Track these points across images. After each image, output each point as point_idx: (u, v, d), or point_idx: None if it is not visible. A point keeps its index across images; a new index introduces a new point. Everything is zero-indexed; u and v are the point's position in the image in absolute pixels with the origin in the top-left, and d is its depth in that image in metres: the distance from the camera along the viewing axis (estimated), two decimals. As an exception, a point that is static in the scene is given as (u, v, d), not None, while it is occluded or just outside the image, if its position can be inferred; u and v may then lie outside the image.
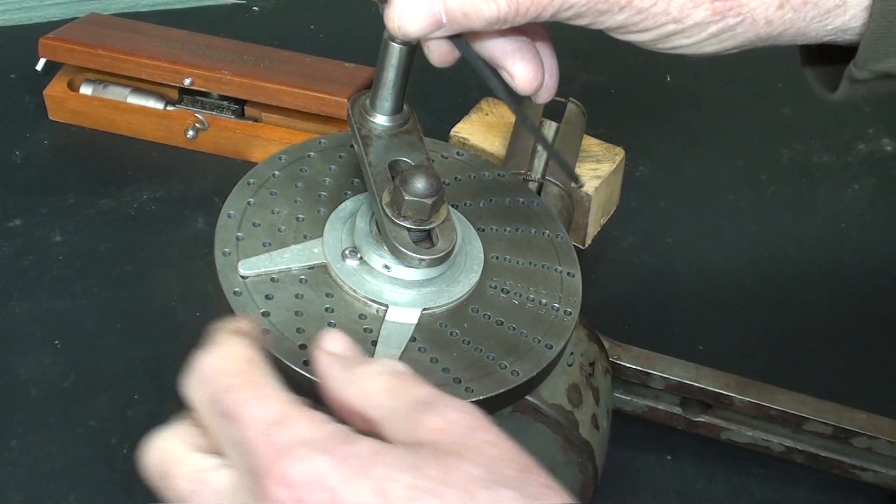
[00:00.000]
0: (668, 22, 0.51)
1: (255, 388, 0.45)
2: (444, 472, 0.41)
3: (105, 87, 1.04)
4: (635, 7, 0.50)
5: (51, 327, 0.87)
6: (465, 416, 0.44)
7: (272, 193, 0.63)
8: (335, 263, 0.59)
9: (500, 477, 0.42)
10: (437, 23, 0.51)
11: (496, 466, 0.42)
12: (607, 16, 0.50)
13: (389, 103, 0.61)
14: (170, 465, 0.47)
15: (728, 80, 1.17)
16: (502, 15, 0.50)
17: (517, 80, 0.55)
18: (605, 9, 0.50)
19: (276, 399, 0.44)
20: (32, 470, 0.78)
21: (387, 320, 0.58)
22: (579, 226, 0.93)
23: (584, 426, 0.68)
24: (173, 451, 0.48)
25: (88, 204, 0.97)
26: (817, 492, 0.81)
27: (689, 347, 0.88)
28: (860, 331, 0.92)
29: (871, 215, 1.03)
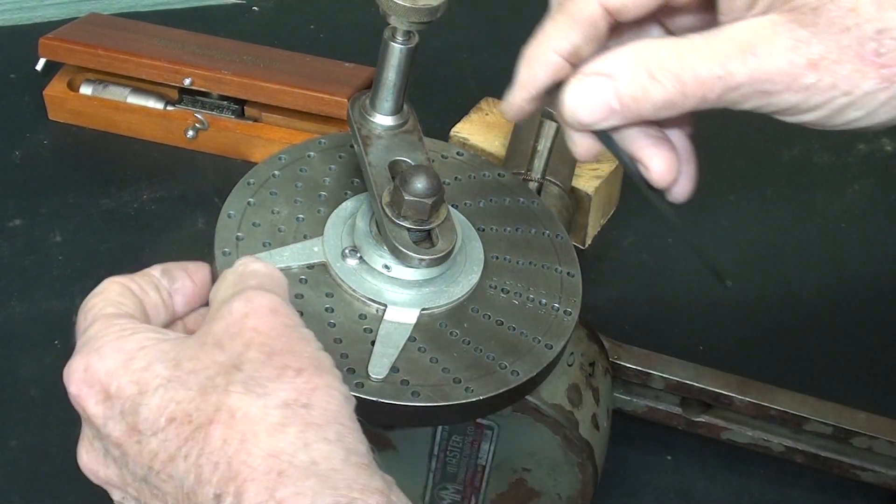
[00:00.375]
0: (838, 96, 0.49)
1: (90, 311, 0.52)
2: (195, 361, 0.46)
3: (105, 87, 1.04)
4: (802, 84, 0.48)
5: (51, 327, 0.87)
6: (248, 304, 0.48)
7: (272, 193, 0.63)
8: (335, 262, 0.59)
9: (240, 361, 0.46)
10: (611, 111, 0.51)
11: (245, 350, 0.46)
12: (775, 97, 0.49)
13: (389, 103, 0.61)
14: None
15: (728, 80, 1.17)
16: (669, 98, 0.50)
17: (653, 172, 0.56)
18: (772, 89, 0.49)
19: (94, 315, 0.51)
20: (32, 470, 0.78)
21: (385, 320, 0.58)
22: (579, 226, 0.93)
23: (584, 426, 0.68)
24: None
25: (88, 204, 0.97)
26: (817, 492, 0.82)
27: (689, 347, 0.88)
28: (860, 331, 0.92)
29: (871, 215, 1.03)
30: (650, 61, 0.50)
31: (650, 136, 0.54)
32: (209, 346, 0.47)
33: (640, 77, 0.50)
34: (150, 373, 0.47)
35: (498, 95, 0.99)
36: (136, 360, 0.47)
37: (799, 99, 0.49)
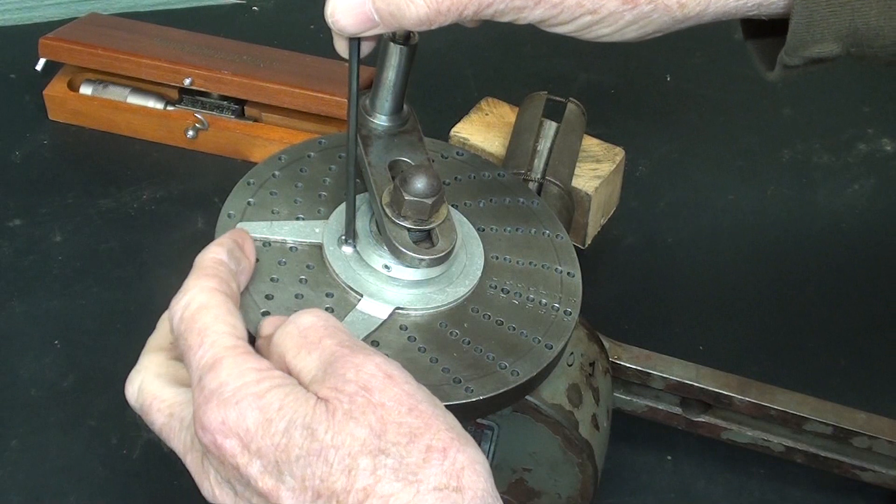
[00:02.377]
0: (584, 13, 0.53)
1: (200, 335, 0.50)
2: (331, 434, 0.46)
3: (105, 87, 1.04)
4: (550, 2, 0.52)
5: (51, 327, 0.87)
6: (361, 374, 0.48)
7: (272, 193, 0.63)
8: (330, 246, 0.59)
9: (383, 443, 0.46)
10: (370, 20, 0.53)
11: (383, 430, 0.46)
12: (526, 11, 0.53)
13: (389, 103, 0.61)
14: (147, 399, 0.53)
15: (728, 80, 1.17)
16: (423, 15, 0.52)
17: None
18: (521, 5, 0.52)
19: (214, 344, 0.49)
20: (32, 470, 0.78)
21: (357, 308, 0.58)
22: (579, 226, 0.92)
23: (584, 426, 0.68)
24: (151, 386, 0.53)
25: (88, 204, 0.97)
26: (817, 492, 0.81)
27: (689, 347, 0.88)
28: (860, 331, 0.92)
29: (871, 215, 1.03)
30: None
31: None
32: (340, 416, 0.47)
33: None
34: (291, 440, 0.47)
35: (498, 95, 0.99)
36: (275, 422, 0.47)
37: (550, 14, 0.52)
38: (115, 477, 0.78)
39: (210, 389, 0.48)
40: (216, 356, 0.49)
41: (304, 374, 0.49)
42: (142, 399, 0.53)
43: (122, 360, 0.84)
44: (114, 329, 0.87)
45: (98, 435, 0.80)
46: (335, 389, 0.47)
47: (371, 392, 0.47)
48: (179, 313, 0.51)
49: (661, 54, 1.18)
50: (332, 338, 0.50)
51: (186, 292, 0.52)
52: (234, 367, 0.48)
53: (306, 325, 0.51)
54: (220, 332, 0.50)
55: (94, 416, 0.81)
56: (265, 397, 0.47)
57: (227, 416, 0.47)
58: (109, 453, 0.79)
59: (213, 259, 0.54)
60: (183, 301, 0.52)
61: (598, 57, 1.16)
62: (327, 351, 0.49)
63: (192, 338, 0.50)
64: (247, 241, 0.57)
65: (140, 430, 0.80)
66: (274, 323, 0.54)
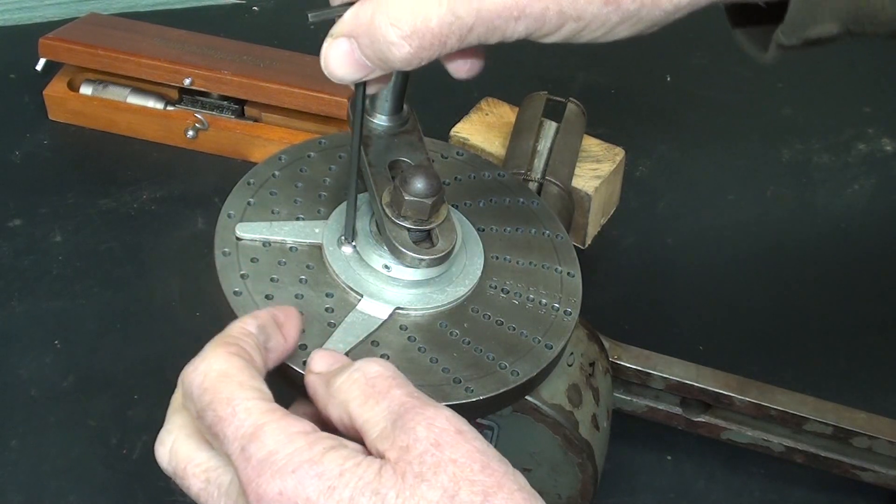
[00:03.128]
0: (567, 21, 0.51)
1: (229, 404, 0.47)
2: (404, 498, 0.44)
3: (105, 87, 1.04)
4: (531, 16, 0.51)
5: (51, 327, 0.87)
6: (432, 430, 0.46)
7: (272, 193, 0.63)
8: (329, 246, 0.59)
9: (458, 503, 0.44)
10: (365, 66, 0.53)
11: (456, 490, 0.45)
12: (509, 30, 0.51)
13: (389, 103, 0.61)
14: (181, 462, 0.50)
15: (728, 80, 1.17)
16: (407, 55, 0.51)
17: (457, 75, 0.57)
18: (502, 25, 0.51)
19: (249, 411, 0.47)
20: (32, 470, 0.78)
21: (357, 309, 0.58)
22: (579, 226, 0.92)
23: (584, 426, 0.68)
24: (184, 448, 0.50)
25: (88, 204, 0.97)
26: (817, 492, 0.82)
27: (689, 347, 0.88)
28: (860, 331, 0.92)
29: (871, 215, 1.03)
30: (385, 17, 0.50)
31: None
32: (411, 479, 0.45)
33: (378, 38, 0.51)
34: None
35: (498, 95, 0.99)
36: (338, 489, 0.45)
37: (534, 27, 0.51)
38: (115, 477, 0.78)
39: (259, 459, 0.45)
40: (256, 423, 0.46)
41: (369, 426, 0.47)
42: (175, 462, 0.50)
43: (122, 360, 0.85)
44: (114, 329, 0.87)
45: (98, 435, 0.80)
46: (405, 449, 0.45)
47: (443, 448, 0.45)
48: (198, 382, 0.48)
49: (661, 54, 1.18)
50: (401, 388, 0.48)
51: (203, 360, 0.49)
52: (279, 432, 0.46)
53: (374, 374, 0.49)
54: (250, 398, 0.47)
55: (94, 416, 0.81)
56: (322, 463, 0.45)
57: (285, 487, 0.45)
58: (109, 453, 0.79)
59: (240, 329, 0.51)
60: (200, 369, 0.49)
61: (598, 57, 1.16)
62: (396, 401, 0.47)
63: (221, 408, 0.47)
64: (290, 320, 0.54)
65: (140, 430, 0.81)
66: (325, 360, 0.52)
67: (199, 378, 0.48)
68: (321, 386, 0.51)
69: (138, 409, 0.82)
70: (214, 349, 0.49)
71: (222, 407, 0.47)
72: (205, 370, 0.48)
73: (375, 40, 0.51)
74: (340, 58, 0.53)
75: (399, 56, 0.51)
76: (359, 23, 0.51)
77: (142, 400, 0.82)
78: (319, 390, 0.51)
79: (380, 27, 0.50)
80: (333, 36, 0.52)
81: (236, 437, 0.46)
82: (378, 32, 0.51)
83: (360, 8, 0.51)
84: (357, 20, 0.51)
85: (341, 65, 0.53)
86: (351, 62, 0.52)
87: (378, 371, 0.49)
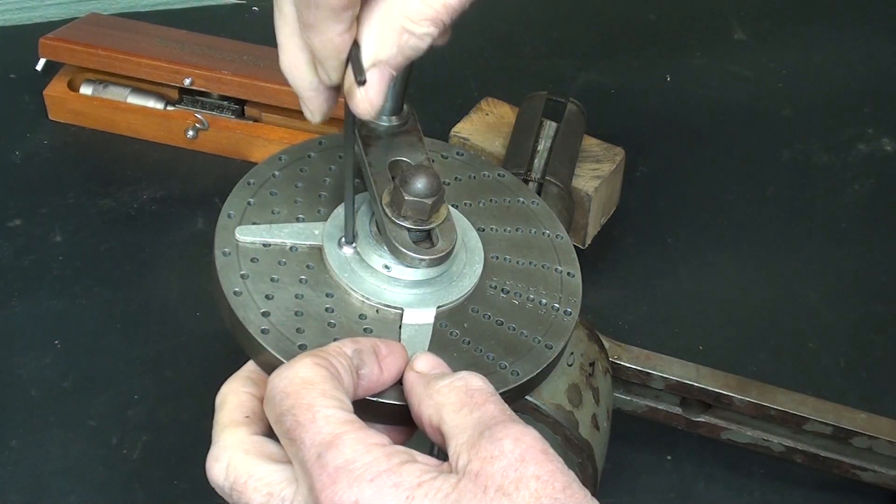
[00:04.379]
0: None
1: (310, 410, 0.47)
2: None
3: (105, 87, 1.04)
4: None
5: (51, 327, 0.87)
6: (519, 445, 0.46)
7: (272, 193, 0.63)
8: (330, 247, 0.59)
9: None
10: (392, 79, 0.54)
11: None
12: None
13: (389, 103, 0.61)
14: (241, 477, 0.49)
15: (728, 80, 1.17)
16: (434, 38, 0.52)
17: None
18: None
19: (328, 420, 0.47)
20: (32, 470, 0.78)
21: (405, 324, 0.58)
22: (579, 226, 0.93)
23: (584, 426, 0.68)
24: (243, 464, 0.50)
25: (88, 204, 0.97)
26: (817, 492, 0.82)
27: (689, 347, 0.88)
28: (860, 331, 0.92)
29: (871, 215, 1.03)
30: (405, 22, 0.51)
31: None
32: (492, 492, 0.44)
33: (405, 42, 0.52)
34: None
35: (498, 95, 0.99)
36: (416, 499, 0.44)
37: None
38: (115, 477, 0.78)
39: (335, 466, 0.45)
40: (334, 432, 0.46)
41: (457, 431, 0.47)
42: (233, 477, 0.49)
43: (122, 360, 0.85)
44: (114, 329, 0.87)
45: (98, 435, 0.80)
46: (488, 460, 0.45)
47: (527, 464, 0.45)
48: (282, 386, 0.48)
49: (661, 54, 1.18)
50: (496, 405, 0.48)
51: (290, 367, 0.49)
52: (357, 442, 0.46)
53: (475, 387, 0.49)
54: (332, 407, 0.47)
55: (94, 416, 0.81)
56: (400, 473, 0.45)
57: (362, 494, 0.44)
58: (109, 453, 0.79)
59: (335, 348, 0.51)
60: (285, 374, 0.49)
61: (598, 57, 1.17)
62: (489, 414, 0.48)
63: (301, 413, 0.47)
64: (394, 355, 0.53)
65: (140, 430, 0.81)
66: (428, 361, 0.53)
67: (283, 383, 0.48)
68: (420, 384, 0.51)
69: (138, 409, 0.82)
70: (302, 358, 0.49)
71: (302, 412, 0.47)
72: (290, 376, 0.48)
73: (402, 45, 0.51)
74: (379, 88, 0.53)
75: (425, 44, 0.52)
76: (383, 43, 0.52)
77: (142, 400, 0.82)
78: (417, 388, 0.51)
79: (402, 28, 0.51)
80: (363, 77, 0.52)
81: (314, 443, 0.46)
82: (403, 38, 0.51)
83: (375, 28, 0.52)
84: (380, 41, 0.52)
85: (381, 92, 0.53)
86: (385, 83, 0.53)
87: (479, 385, 0.50)
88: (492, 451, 0.46)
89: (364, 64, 0.52)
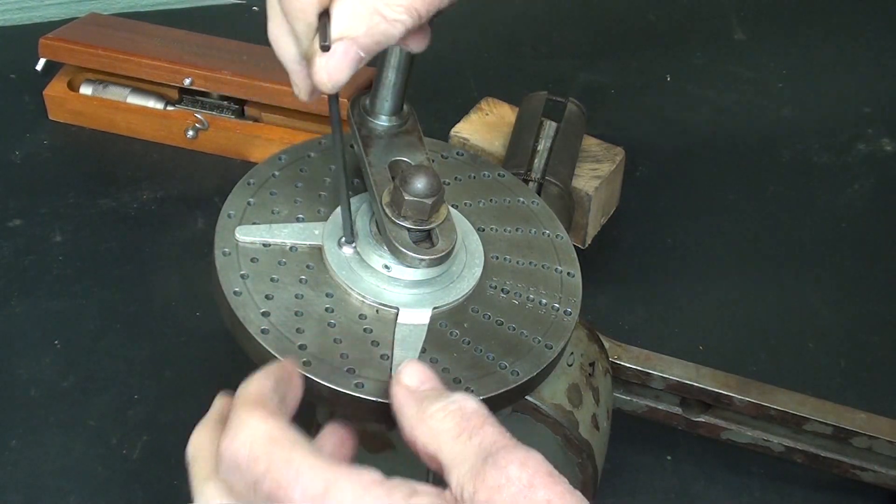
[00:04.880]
0: None
1: (289, 466, 0.44)
2: None
3: (105, 87, 1.04)
4: None
5: (51, 327, 0.87)
6: (525, 470, 0.45)
7: (272, 193, 0.63)
8: (330, 247, 0.59)
9: None
10: (360, 59, 0.52)
11: None
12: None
13: (389, 103, 0.61)
14: None
15: (728, 80, 1.17)
16: (408, 28, 0.52)
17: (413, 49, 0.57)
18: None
19: (313, 469, 0.44)
20: (32, 470, 0.78)
21: (399, 323, 0.58)
22: (579, 226, 0.93)
23: (584, 426, 0.68)
24: None
25: (88, 204, 0.97)
26: (817, 492, 0.82)
27: (689, 347, 0.88)
28: (860, 331, 0.92)
29: (871, 215, 1.03)
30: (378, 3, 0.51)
31: None
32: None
33: (375, 25, 0.51)
34: None
35: (498, 95, 0.99)
36: None
37: None
38: (115, 477, 0.78)
39: None
40: (327, 480, 0.44)
41: (458, 461, 0.46)
42: None
43: (122, 360, 0.85)
44: (114, 329, 0.87)
45: (98, 435, 0.80)
46: (496, 489, 0.44)
47: (536, 489, 0.44)
48: (245, 453, 0.45)
49: (661, 54, 1.18)
50: (494, 426, 0.47)
51: (241, 429, 0.46)
52: (355, 486, 0.44)
53: (471, 410, 0.48)
54: (309, 456, 0.45)
55: (94, 416, 0.81)
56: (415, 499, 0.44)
57: None
58: (109, 453, 0.79)
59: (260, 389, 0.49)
60: (241, 439, 0.46)
61: (598, 57, 1.17)
62: (489, 439, 0.46)
63: (282, 473, 0.44)
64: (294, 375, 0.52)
65: (140, 430, 0.81)
66: (417, 374, 0.51)
67: (245, 449, 0.45)
68: (410, 405, 0.49)
69: (138, 409, 0.82)
70: (249, 414, 0.46)
71: (283, 471, 0.44)
72: (248, 439, 0.46)
73: (375, 27, 0.51)
74: (341, 62, 0.52)
75: (398, 31, 0.51)
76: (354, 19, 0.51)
77: (142, 400, 0.82)
78: (407, 409, 0.49)
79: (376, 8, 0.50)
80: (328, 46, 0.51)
81: (305, 497, 0.44)
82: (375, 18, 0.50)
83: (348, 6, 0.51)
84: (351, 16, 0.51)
85: (343, 68, 0.52)
86: (350, 60, 0.52)
87: (474, 407, 0.48)
88: (498, 479, 0.44)
89: (331, 35, 0.52)
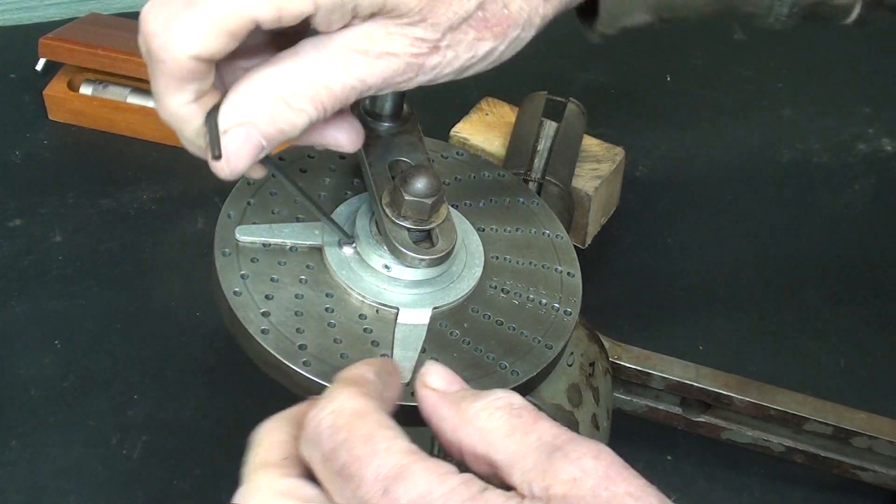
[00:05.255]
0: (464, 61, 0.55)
1: (367, 442, 0.43)
2: None
3: (105, 87, 1.04)
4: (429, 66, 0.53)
5: (51, 327, 0.87)
6: (599, 462, 0.43)
7: (272, 193, 0.63)
8: (329, 247, 0.59)
9: None
10: (261, 149, 0.51)
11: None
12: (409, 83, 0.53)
13: (390, 104, 0.61)
14: None
15: (728, 80, 1.17)
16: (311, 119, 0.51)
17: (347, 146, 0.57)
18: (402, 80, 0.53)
19: (390, 451, 0.43)
20: (32, 470, 0.78)
21: (399, 323, 0.58)
22: (579, 226, 0.92)
23: (584, 426, 0.68)
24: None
25: (88, 204, 0.97)
26: (817, 492, 0.82)
27: (689, 347, 0.88)
28: (860, 331, 0.92)
29: (871, 215, 1.03)
30: (282, 91, 0.50)
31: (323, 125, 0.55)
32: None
33: (279, 112, 0.50)
34: None
35: (498, 95, 0.99)
36: None
37: (430, 76, 0.54)
38: (115, 477, 0.78)
39: (409, 500, 0.41)
40: (401, 463, 0.42)
41: (517, 458, 0.43)
42: None
43: (122, 360, 0.85)
44: (114, 329, 0.87)
45: (98, 435, 0.80)
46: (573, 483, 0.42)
47: (615, 482, 0.42)
48: (329, 421, 0.44)
49: (661, 54, 1.18)
50: (549, 421, 0.44)
51: (331, 400, 0.45)
52: (429, 472, 0.42)
53: (519, 405, 0.45)
54: (390, 437, 0.43)
55: (94, 416, 0.81)
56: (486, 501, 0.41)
57: None
58: (109, 453, 0.79)
59: (360, 374, 0.48)
60: (329, 408, 0.45)
61: (598, 57, 1.17)
62: (548, 433, 0.44)
63: (358, 447, 0.43)
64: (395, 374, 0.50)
65: (140, 430, 0.81)
66: (444, 377, 0.48)
67: (330, 418, 0.44)
68: (446, 407, 0.47)
69: (138, 409, 0.82)
70: (342, 389, 0.46)
71: (360, 445, 0.43)
72: (336, 409, 0.44)
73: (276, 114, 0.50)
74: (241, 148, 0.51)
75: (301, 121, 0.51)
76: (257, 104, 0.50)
77: (142, 400, 0.82)
78: (445, 411, 0.46)
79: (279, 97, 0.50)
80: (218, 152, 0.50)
81: (378, 477, 0.42)
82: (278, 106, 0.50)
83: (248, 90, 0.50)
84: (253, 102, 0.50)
85: (243, 155, 0.51)
86: (251, 147, 0.51)
87: (523, 402, 0.46)
88: (573, 472, 0.42)
89: (225, 124, 0.50)
